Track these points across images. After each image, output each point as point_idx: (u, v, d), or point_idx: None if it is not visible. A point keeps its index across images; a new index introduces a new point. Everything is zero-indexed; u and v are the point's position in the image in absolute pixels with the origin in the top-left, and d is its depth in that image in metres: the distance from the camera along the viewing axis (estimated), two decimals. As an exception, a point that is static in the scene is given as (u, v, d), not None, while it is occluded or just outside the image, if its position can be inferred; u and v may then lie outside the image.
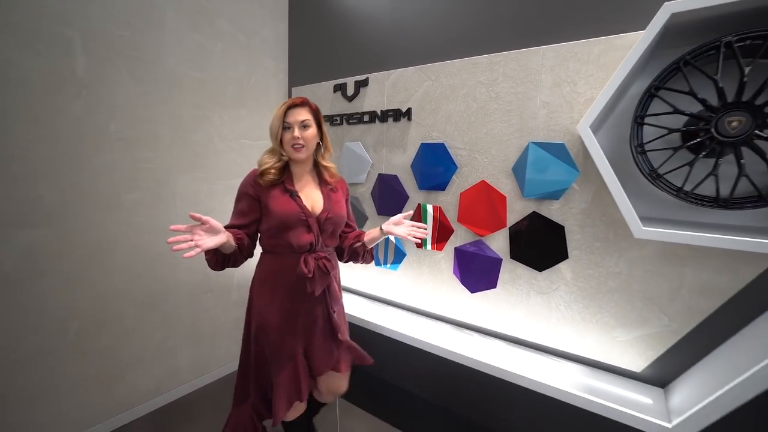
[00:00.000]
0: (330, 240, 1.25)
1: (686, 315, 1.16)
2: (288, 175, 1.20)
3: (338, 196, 1.28)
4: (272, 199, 1.15)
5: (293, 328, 1.20)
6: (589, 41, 1.22)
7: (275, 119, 1.15)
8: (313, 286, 1.16)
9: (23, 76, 1.28)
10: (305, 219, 1.16)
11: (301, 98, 1.19)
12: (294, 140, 1.14)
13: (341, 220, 1.25)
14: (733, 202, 0.99)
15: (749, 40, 0.93)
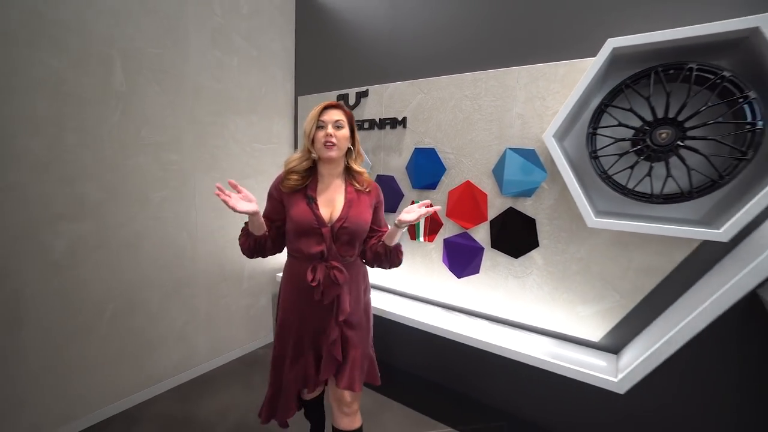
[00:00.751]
0: (347, 250, 1.18)
1: (633, 292, 1.41)
2: (313, 179, 1.18)
3: (364, 203, 1.21)
4: (291, 205, 1.16)
5: (307, 330, 1.21)
6: (556, 64, 1.46)
7: (310, 119, 1.14)
8: (319, 295, 1.14)
9: (74, 90, 1.49)
10: (318, 227, 1.13)
11: (336, 102, 1.20)
12: (326, 137, 1.11)
13: (360, 228, 1.18)
14: (664, 198, 1.24)
15: (672, 70, 1.17)
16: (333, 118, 1.13)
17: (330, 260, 1.15)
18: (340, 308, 1.18)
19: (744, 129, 1.11)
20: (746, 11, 1.08)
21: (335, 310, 1.18)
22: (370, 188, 1.24)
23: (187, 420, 1.75)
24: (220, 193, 1.04)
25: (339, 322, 1.18)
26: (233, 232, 2.17)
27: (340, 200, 1.18)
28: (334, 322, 1.18)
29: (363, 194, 1.21)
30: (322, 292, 1.14)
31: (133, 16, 1.63)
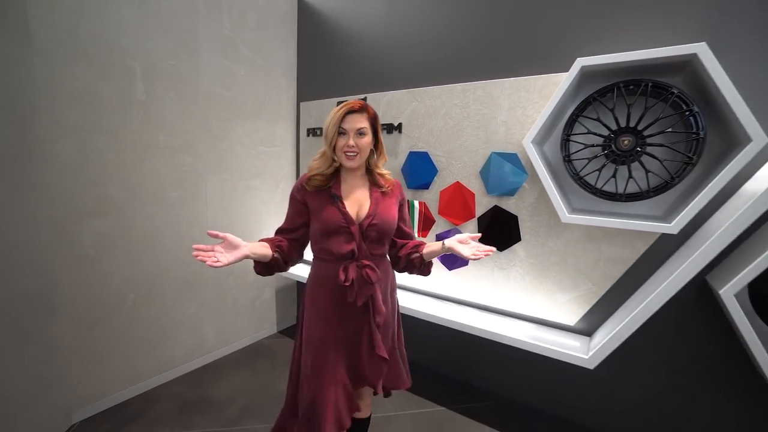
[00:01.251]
0: (376, 248, 1.15)
1: (603, 280, 1.59)
2: (336, 180, 1.15)
3: (390, 201, 1.19)
4: (316, 205, 1.13)
5: (336, 339, 1.14)
6: (535, 77, 1.64)
7: (331, 124, 1.08)
8: (353, 296, 1.09)
9: (101, 100, 1.64)
10: (346, 226, 1.10)
11: (360, 102, 1.11)
12: (348, 148, 1.07)
13: (388, 226, 1.16)
14: (626, 197, 1.42)
15: (632, 85, 1.36)
16: (355, 126, 1.07)
17: (361, 259, 1.11)
18: (375, 309, 1.13)
19: (690, 138, 1.29)
20: (690, 39, 1.26)
21: (371, 311, 1.13)
22: (393, 187, 1.22)
23: (200, 401, 1.90)
24: (199, 255, 0.93)
25: (377, 323, 1.13)
26: (240, 228, 2.33)
27: (366, 198, 1.16)
28: (373, 324, 1.13)
29: (387, 193, 1.19)
30: (356, 293, 1.09)
31: (152, 32, 1.79)
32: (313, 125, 2.52)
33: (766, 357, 1.19)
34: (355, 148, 1.08)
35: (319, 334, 1.14)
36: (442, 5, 1.91)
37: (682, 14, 1.35)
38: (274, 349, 2.46)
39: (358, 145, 1.08)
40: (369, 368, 1.15)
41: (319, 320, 1.15)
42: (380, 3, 2.14)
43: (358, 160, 1.11)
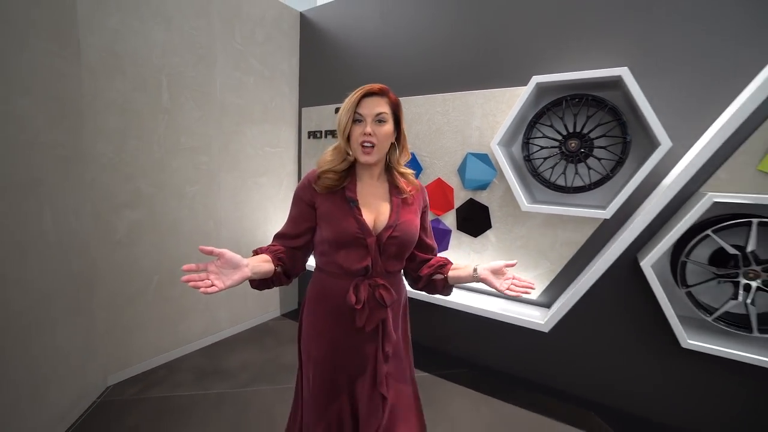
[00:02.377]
0: (393, 263, 0.99)
1: (559, 259, 1.90)
2: (351, 179, 0.97)
3: (412, 209, 1.01)
4: (327, 209, 0.95)
5: (340, 365, 0.98)
6: (503, 90, 1.95)
7: (345, 110, 0.92)
8: (362, 320, 0.93)
9: (133, 108, 1.92)
10: (362, 237, 0.92)
11: (379, 85, 0.94)
12: (364, 137, 0.90)
13: (410, 240, 0.98)
14: (574, 189, 1.73)
15: (577, 98, 1.67)
16: (374, 111, 0.91)
17: (374, 276, 0.95)
18: (386, 335, 0.96)
19: (621, 141, 1.61)
20: (618, 63, 1.59)
21: (380, 338, 0.96)
22: (416, 191, 1.03)
23: (215, 370, 2.18)
24: (190, 280, 0.76)
25: (386, 353, 0.96)
26: (249, 220, 2.62)
27: (385, 204, 0.98)
28: (380, 354, 0.96)
29: (408, 197, 1.01)
30: (367, 317, 0.93)
31: (176, 48, 2.08)
32: (313, 128, 2.81)
33: (676, 319, 1.51)
34: (373, 138, 0.90)
35: (321, 355, 0.98)
36: (428, 27, 2.22)
37: (613, 44, 1.67)
38: (278, 329, 2.75)
39: (377, 135, 0.91)
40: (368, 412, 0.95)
41: (322, 342, 0.99)
42: (373, 21, 2.44)
43: (376, 154, 0.93)
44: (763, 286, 1.39)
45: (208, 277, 0.78)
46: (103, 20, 1.78)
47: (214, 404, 1.87)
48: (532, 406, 1.90)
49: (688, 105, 1.54)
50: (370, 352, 0.97)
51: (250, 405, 1.87)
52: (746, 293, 1.41)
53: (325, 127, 2.73)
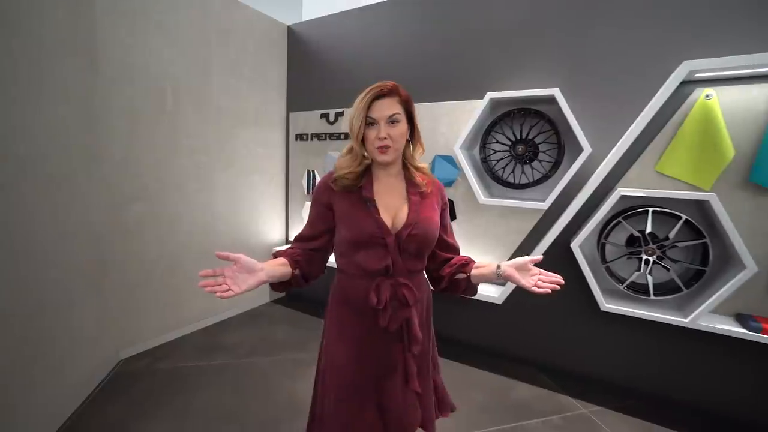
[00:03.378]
0: (414, 263, 0.98)
1: (511, 244, 2.28)
2: (368, 179, 0.97)
3: (430, 205, 0.99)
4: (345, 209, 0.95)
5: (365, 368, 0.97)
6: (464, 102, 2.31)
7: (356, 115, 0.92)
8: (386, 320, 0.93)
9: (141, 112, 2.16)
10: (381, 237, 0.92)
11: (390, 84, 0.93)
12: (379, 141, 0.90)
13: (430, 237, 0.97)
14: (521, 186, 2.11)
15: (522, 112, 2.05)
16: (386, 113, 0.90)
17: (396, 276, 0.94)
18: (411, 336, 0.95)
19: (556, 146, 1.99)
20: (552, 84, 1.97)
21: (407, 338, 0.96)
22: (433, 187, 1.02)
23: (215, 346, 2.45)
24: (207, 286, 0.78)
25: (412, 353, 0.96)
26: (243, 214, 2.88)
27: (403, 203, 0.97)
28: (408, 355, 0.96)
29: (426, 194, 0.99)
30: (390, 317, 0.93)
31: (178, 59, 2.32)
32: (300, 132, 3.10)
33: (597, 288, 1.91)
34: (388, 140, 0.90)
35: (344, 360, 0.97)
36: (402, 45, 2.55)
37: (548, 68, 2.05)
38: (269, 312, 3.02)
39: (392, 136, 0.91)
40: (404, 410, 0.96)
41: (348, 344, 0.98)
42: (353, 36, 2.75)
43: (392, 154, 0.93)
44: (658, 260, 1.81)
45: (225, 281, 0.79)
46: (118, 37, 2.02)
47: (217, 373, 2.14)
48: (490, 367, 2.28)
49: (606, 118, 1.94)
50: (397, 352, 0.96)
51: (248, 373, 2.15)
52: (646, 266, 1.82)
53: (310, 131, 3.03)
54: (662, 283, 1.84)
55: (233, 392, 1.97)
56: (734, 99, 1.67)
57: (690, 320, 1.71)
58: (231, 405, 1.87)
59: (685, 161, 1.78)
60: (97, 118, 1.95)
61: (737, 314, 1.75)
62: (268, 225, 3.13)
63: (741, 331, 1.63)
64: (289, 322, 2.87)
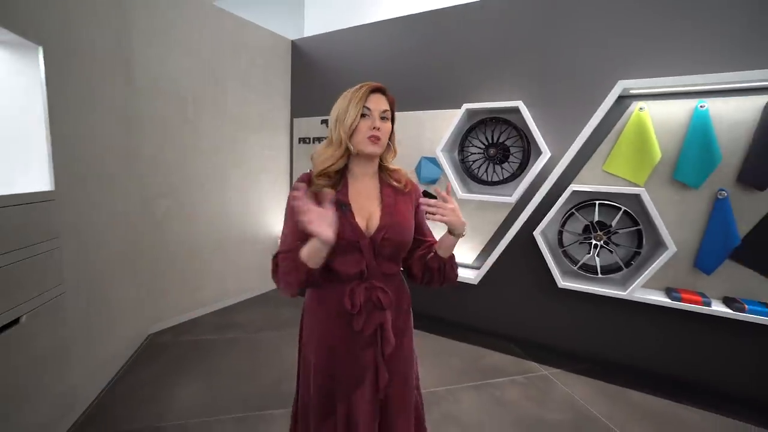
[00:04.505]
0: (389, 265, 0.98)
1: (487, 233, 2.64)
2: (344, 183, 0.97)
3: (405, 207, 1.00)
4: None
5: (338, 373, 0.96)
6: (444, 111, 2.67)
7: (353, 104, 0.92)
8: (360, 324, 0.93)
9: (167, 119, 2.51)
10: (356, 241, 0.92)
11: (380, 84, 0.97)
12: (373, 131, 0.91)
13: (405, 238, 0.97)
14: (493, 183, 2.47)
15: (493, 120, 2.41)
16: (380, 107, 0.94)
17: (370, 279, 0.94)
18: (384, 339, 0.95)
19: (522, 150, 2.36)
20: (517, 96, 2.33)
21: (380, 342, 0.95)
22: (410, 187, 1.03)
23: (229, 323, 2.79)
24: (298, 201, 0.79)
25: (384, 357, 0.96)
26: (251, 207, 3.23)
27: (376, 205, 0.97)
28: (379, 358, 0.95)
29: (401, 195, 1.00)
30: (364, 320, 0.93)
31: (197, 73, 2.67)
32: (303, 135, 3.45)
33: (555, 269, 2.27)
34: (380, 132, 0.92)
35: (319, 364, 0.97)
36: (392, 59, 2.91)
37: (515, 83, 2.42)
38: (276, 297, 3.37)
39: (382, 130, 0.93)
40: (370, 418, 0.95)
41: (322, 348, 0.98)
42: (349, 50, 3.11)
43: (381, 147, 0.94)
44: (604, 245, 2.17)
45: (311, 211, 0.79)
46: (149, 55, 2.37)
47: (232, 344, 2.49)
48: (467, 339, 2.64)
49: (562, 126, 2.31)
50: (369, 359, 0.95)
51: (260, 344, 2.50)
52: (595, 250, 2.19)
53: (312, 135, 3.38)
54: (608, 264, 2.20)
55: (246, 359, 2.32)
56: (661, 111, 2.04)
57: (627, 293, 2.08)
58: (245, 368, 2.22)
59: (625, 162, 2.15)
60: (132, 124, 2.30)
61: (666, 288, 2.11)
62: (273, 218, 3.48)
63: (666, 301, 2.00)
64: (292, 304, 3.21)
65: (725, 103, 1.90)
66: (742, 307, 1.83)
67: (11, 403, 1.32)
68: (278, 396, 1.94)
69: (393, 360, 0.98)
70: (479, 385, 2.13)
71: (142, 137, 2.39)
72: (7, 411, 1.30)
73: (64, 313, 1.62)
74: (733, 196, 1.91)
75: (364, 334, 0.94)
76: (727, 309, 1.88)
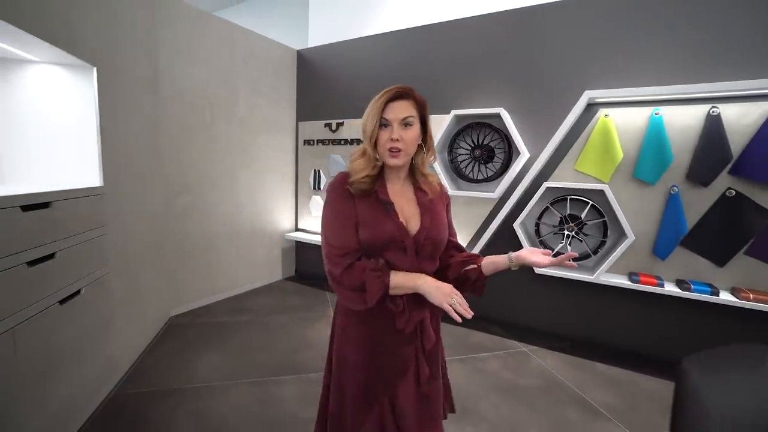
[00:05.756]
0: (429, 264, 0.99)
1: (475, 225, 2.93)
2: (381, 182, 0.97)
3: (438, 208, 1.02)
4: (365, 213, 0.94)
5: (377, 369, 0.98)
6: (435, 116, 2.94)
7: (370, 116, 0.92)
8: (403, 323, 0.94)
9: (187, 125, 2.81)
10: (401, 240, 0.93)
11: (404, 87, 0.94)
12: (392, 143, 0.91)
13: (443, 239, 1.01)
14: (481, 180, 2.76)
15: (478, 124, 2.70)
16: (400, 115, 0.92)
17: None
18: (425, 336, 0.98)
19: (505, 151, 2.65)
20: (499, 104, 2.63)
21: (420, 338, 0.98)
22: (438, 192, 1.05)
23: (240, 308, 3.08)
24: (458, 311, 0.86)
25: (426, 353, 0.99)
26: (260, 204, 3.53)
27: (413, 206, 0.99)
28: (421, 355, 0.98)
29: (433, 197, 1.02)
30: (407, 319, 0.94)
31: (214, 83, 2.97)
32: (307, 138, 3.75)
33: (533, 254, 2.56)
34: (400, 143, 0.91)
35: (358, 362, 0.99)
36: (388, 69, 3.20)
37: (497, 92, 2.71)
38: (282, 287, 3.67)
39: (404, 139, 0.91)
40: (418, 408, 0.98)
41: (360, 347, 0.99)
42: (351, 60, 3.40)
43: (403, 158, 0.94)
44: (576, 235, 2.46)
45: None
46: (172, 68, 2.67)
47: (246, 325, 2.78)
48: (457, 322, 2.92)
49: (539, 130, 2.60)
50: (410, 354, 0.97)
51: (270, 325, 2.80)
52: (567, 239, 2.48)
53: (316, 137, 3.68)
54: (579, 252, 2.49)
55: (258, 336, 2.62)
56: (623, 117, 2.32)
57: (594, 277, 2.36)
58: (257, 343, 2.51)
59: (593, 162, 2.43)
60: (158, 129, 2.60)
61: (629, 272, 2.40)
62: (280, 214, 3.77)
63: (627, 283, 2.28)
64: (299, 293, 3.51)
65: (676, 110, 2.18)
66: (689, 287, 2.12)
67: (74, 362, 1.62)
68: (287, 365, 2.24)
69: (432, 355, 1.01)
70: (465, 359, 2.41)
71: (166, 141, 2.68)
72: (70, 368, 1.59)
73: (109, 291, 1.92)
74: (683, 192, 2.20)
75: (406, 331, 0.95)
76: (676, 289, 2.16)
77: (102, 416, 1.74)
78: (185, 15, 2.74)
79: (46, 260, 1.41)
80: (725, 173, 2.09)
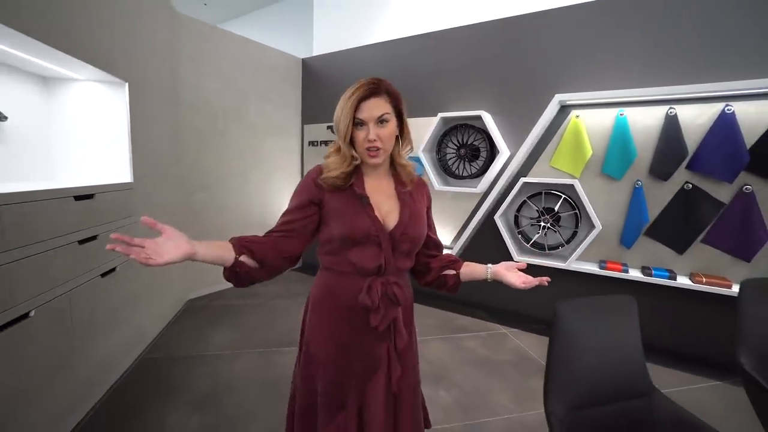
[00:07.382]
0: (405, 261, 0.97)
1: (461, 219, 3.18)
2: (358, 175, 0.94)
3: (418, 205, 0.99)
4: (338, 206, 0.91)
5: (348, 366, 0.94)
6: (425, 117, 3.21)
7: (343, 115, 0.88)
8: (377, 320, 0.91)
9: (202, 130, 3.16)
10: (375, 235, 0.89)
11: (376, 81, 0.90)
12: (369, 143, 0.87)
13: (420, 237, 0.97)
14: (466, 177, 3.01)
15: (463, 126, 2.95)
16: (375, 114, 0.87)
17: (387, 275, 0.93)
18: (397, 333, 0.95)
19: (487, 150, 2.89)
20: (480, 108, 2.87)
21: (393, 337, 0.96)
22: (418, 186, 1.03)
23: (250, 294, 3.41)
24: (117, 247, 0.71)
25: (398, 351, 0.96)
26: (268, 199, 3.86)
27: (392, 201, 0.96)
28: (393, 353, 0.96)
29: (414, 192, 1.00)
30: (381, 317, 0.92)
31: (227, 91, 3.32)
32: (312, 139, 4.07)
33: (512, 246, 2.79)
34: (378, 142, 0.88)
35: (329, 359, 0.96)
36: (384, 74, 3.46)
37: (478, 95, 2.95)
38: (287, 276, 3.98)
39: (381, 138, 0.88)
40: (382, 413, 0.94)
41: (331, 344, 0.96)
42: (351, 66, 3.70)
43: (382, 155, 0.91)
44: (551, 226, 2.68)
45: (145, 251, 0.74)
46: (190, 78, 3.02)
47: (254, 307, 3.11)
48: (442, 306, 3.18)
49: (518, 130, 2.83)
50: (382, 353, 0.95)
51: (275, 308, 3.12)
52: (543, 230, 2.70)
53: (320, 139, 3.99)
54: (554, 242, 2.71)
55: (265, 316, 2.94)
56: (592, 118, 2.54)
57: (567, 264, 2.58)
58: (264, 321, 2.84)
59: (566, 158, 2.65)
60: (178, 135, 2.95)
61: (599, 260, 2.61)
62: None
63: (596, 270, 2.50)
64: (301, 281, 3.83)
65: (639, 111, 2.39)
66: (650, 273, 2.32)
67: (112, 325, 1.96)
68: (290, 340, 2.55)
69: (404, 353, 0.99)
70: (447, 338, 2.67)
71: (185, 145, 3.04)
72: (110, 329, 1.94)
73: (137, 271, 2.26)
74: (646, 186, 2.40)
75: (379, 329, 0.93)
76: (639, 274, 2.37)
77: (134, 373, 2.09)
78: (202, 32, 3.09)
79: (91, 240, 1.75)
80: (683, 168, 2.28)
